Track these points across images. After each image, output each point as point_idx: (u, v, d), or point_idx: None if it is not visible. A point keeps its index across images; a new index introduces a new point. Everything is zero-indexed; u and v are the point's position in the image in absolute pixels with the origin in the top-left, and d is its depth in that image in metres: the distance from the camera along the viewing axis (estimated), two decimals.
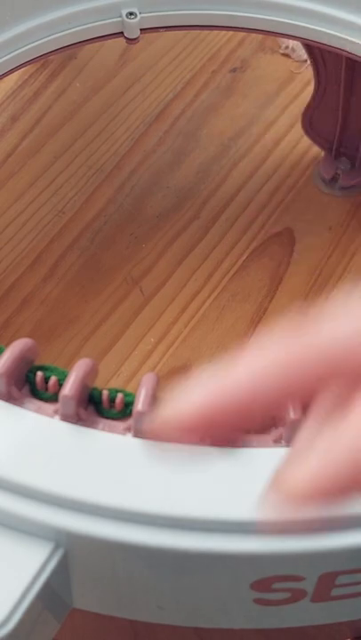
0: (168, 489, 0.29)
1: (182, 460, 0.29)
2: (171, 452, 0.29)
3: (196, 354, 0.64)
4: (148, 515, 0.28)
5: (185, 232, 0.69)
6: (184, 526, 0.28)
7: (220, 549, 0.28)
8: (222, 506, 0.28)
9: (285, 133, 0.75)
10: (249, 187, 0.72)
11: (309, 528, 0.26)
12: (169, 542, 0.28)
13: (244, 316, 0.66)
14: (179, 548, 0.28)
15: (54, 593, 0.30)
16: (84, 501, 0.28)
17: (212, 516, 0.28)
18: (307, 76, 0.77)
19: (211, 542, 0.28)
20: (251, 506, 0.28)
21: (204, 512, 0.28)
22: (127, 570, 0.30)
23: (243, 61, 0.80)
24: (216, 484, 0.29)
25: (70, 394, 0.30)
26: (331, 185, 0.71)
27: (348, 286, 0.67)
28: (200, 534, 0.28)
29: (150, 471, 0.29)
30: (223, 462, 0.29)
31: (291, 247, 0.69)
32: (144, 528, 0.28)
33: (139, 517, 0.28)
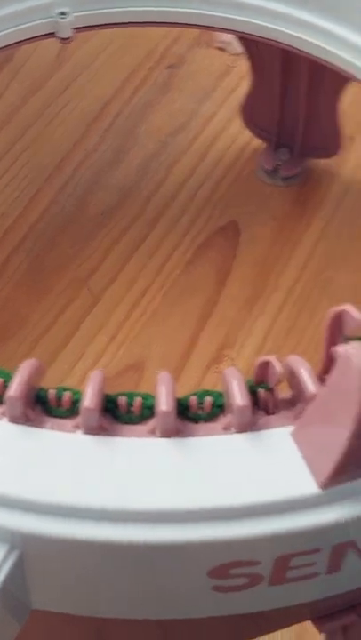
0: (118, 483, 0.29)
1: (131, 454, 0.29)
2: (119, 446, 0.30)
3: (149, 350, 0.64)
4: (100, 510, 0.28)
5: (130, 230, 0.69)
6: (135, 519, 0.28)
7: (173, 539, 0.28)
8: (172, 496, 0.29)
9: (225, 127, 0.75)
10: (191, 182, 0.72)
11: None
12: (122, 536, 0.28)
13: (194, 310, 0.66)
14: (131, 542, 0.28)
15: (12, 595, 0.30)
16: (35, 501, 0.29)
17: (162, 507, 0.28)
18: (242, 69, 0.77)
19: (163, 533, 0.28)
20: (200, 494, 0.29)
21: (154, 503, 0.28)
22: (84, 567, 0.30)
23: (179, 57, 0.80)
24: (165, 475, 0.29)
25: (16, 395, 0.30)
26: (273, 176, 0.72)
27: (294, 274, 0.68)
28: (151, 526, 0.28)
29: (99, 467, 0.29)
30: (172, 453, 0.30)
31: (236, 239, 0.70)
32: (97, 524, 0.28)
33: (91, 514, 0.28)
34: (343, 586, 0.33)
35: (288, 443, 0.30)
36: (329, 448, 0.29)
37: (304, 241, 0.69)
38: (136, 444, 0.30)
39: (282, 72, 0.65)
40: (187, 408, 0.31)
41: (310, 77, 0.64)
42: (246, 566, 0.30)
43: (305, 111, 0.67)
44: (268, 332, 0.65)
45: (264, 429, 0.31)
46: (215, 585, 0.31)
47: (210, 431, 0.30)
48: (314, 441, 0.30)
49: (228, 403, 0.31)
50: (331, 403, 0.29)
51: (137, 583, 0.31)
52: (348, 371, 0.27)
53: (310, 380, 0.30)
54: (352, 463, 0.29)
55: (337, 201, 0.71)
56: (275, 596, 0.32)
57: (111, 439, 0.30)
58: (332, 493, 0.29)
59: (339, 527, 0.29)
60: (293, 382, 0.31)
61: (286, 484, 0.29)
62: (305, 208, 0.71)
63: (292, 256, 0.69)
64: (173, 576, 0.30)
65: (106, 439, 0.30)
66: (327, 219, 0.70)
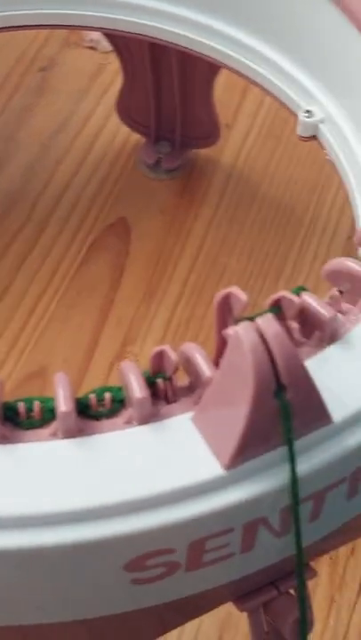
0: (22, 489, 0.29)
1: (34, 459, 0.29)
2: (21, 452, 0.30)
3: (51, 356, 0.64)
4: (6, 518, 0.28)
5: (19, 236, 0.69)
6: (43, 523, 0.28)
7: (84, 539, 0.28)
8: (78, 495, 0.29)
9: (103, 125, 0.75)
10: (76, 182, 0.72)
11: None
12: (32, 542, 0.28)
13: (92, 309, 0.66)
14: (42, 546, 0.28)
15: None
16: None
17: (69, 508, 0.28)
18: (115, 66, 0.77)
19: (73, 533, 0.28)
20: (106, 490, 0.29)
21: (60, 505, 0.28)
22: (2, 576, 0.30)
23: (50, 59, 0.80)
24: (69, 476, 0.29)
25: None
26: (155, 169, 0.72)
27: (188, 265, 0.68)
28: (61, 528, 0.28)
29: (2, 475, 0.29)
30: (75, 453, 0.30)
31: (127, 236, 0.70)
32: (5, 532, 0.28)
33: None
34: (259, 563, 0.34)
35: (190, 429, 0.31)
36: (229, 429, 0.29)
37: (194, 231, 0.70)
38: (39, 448, 0.30)
39: (152, 66, 0.65)
40: (87, 407, 0.31)
41: (181, 68, 0.64)
42: (162, 555, 0.30)
43: (180, 102, 0.67)
44: (168, 324, 0.66)
45: (166, 419, 0.31)
46: (134, 578, 0.31)
47: (112, 427, 0.31)
48: (214, 424, 0.30)
49: (127, 396, 0.31)
50: (227, 384, 0.29)
51: (56, 586, 0.31)
52: (239, 350, 0.28)
53: (205, 365, 0.31)
54: (253, 441, 0.29)
55: (221, 188, 0.72)
56: (194, 581, 0.33)
57: (13, 447, 0.29)
58: (237, 473, 0.30)
59: (247, 505, 0.30)
60: (190, 369, 0.31)
61: (191, 470, 0.30)
62: (191, 199, 0.72)
63: (185, 247, 0.69)
64: (91, 575, 0.30)
65: (7, 447, 0.29)
66: (214, 207, 0.71)
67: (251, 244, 0.69)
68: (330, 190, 0.72)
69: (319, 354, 0.32)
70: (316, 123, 0.50)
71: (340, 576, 0.55)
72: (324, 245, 0.68)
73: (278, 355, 0.28)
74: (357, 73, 0.48)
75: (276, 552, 0.33)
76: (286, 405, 0.29)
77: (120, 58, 0.67)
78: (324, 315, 0.31)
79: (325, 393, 0.30)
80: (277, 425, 0.29)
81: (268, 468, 0.30)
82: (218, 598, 0.36)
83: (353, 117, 0.49)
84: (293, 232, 0.70)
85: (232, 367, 0.29)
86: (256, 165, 0.73)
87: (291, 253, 0.68)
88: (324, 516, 0.33)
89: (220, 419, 0.30)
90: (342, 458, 0.31)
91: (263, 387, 0.28)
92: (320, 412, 0.30)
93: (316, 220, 0.70)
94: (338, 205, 0.71)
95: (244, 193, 0.72)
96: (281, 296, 0.31)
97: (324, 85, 0.51)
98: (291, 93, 0.52)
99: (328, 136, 0.50)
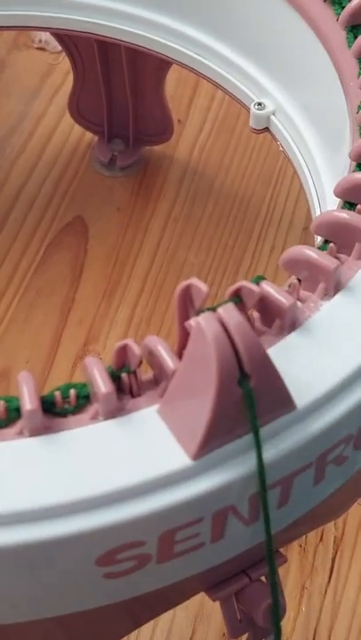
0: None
1: (0, 458, 0.29)
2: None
3: (13, 357, 0.64)
4: None
5: None
6: (11, 521, 0.28)
7: (54, 535, 0.28)
8: (46, 492, 0.29)
9: (56, 125, 0.75)
10: (31, 183, 0.72)
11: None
12: (1, 540, 0.28)
13: (52, 309, 0.66)
14: (10, 545, 0.28)
15: None
16: None
17: (37, 505, 0.28)
18: (65, 66, 0.77)
19: (42, 530, 0.28)
20: (74, 486, 0.29)
21: (28, 502, 0.28)
22: None
23: (0, 61, 0.80)
24: (37, 473, 0.29)
25: None
26: (110, 167, 0.72)
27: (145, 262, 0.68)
28: (29, 525, 0.28)
29: None
30: (42, 450, 0.30)
31: (85, 234, 0.70)
32: None
33: None
34: (230, 552, 0.34)
35: (156, 421, 0.31)
36: (195, 419, 0.30)
37: (152, 227, 0.70)
38: (5, 447, 0.30)
39: (102, 64, 0.65)
40: (53, 404, 0.31)
41: (131, 66, 0.64)
42: (132, 548, 0.30)
43: (132, 100, 0.67)
44: (129, 321, 0.66)
45: (132, 412, 0.31)
46: (105, 572, 0.31)
47: (78, 423, 0.31)
48: (180, 415, 0.30)
49: (92, 392, 0.31)
50: (190, 375, 0.29)
51: (28, 584, 0.31)
52: (201, 340, 0.28)
53: (169, 357, 0.31)
54: (219, 430, 0.30)
55: (177, 184, 0.73)
56: (165, 573, 0.33)
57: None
58: (204, 462, 0.30)
59: (215, 494, 0.30)
60: (153, 361, 0.31)
61: (159, 461, 0.30)
62: (147, 195, 0.72)
63: (143, 244, 0.69)
64: (63, 571, 0.30)
65: None
66: (170, 202, 0.72)
67: (209, 238, 0.69)
68: (284, 181, 0.72)
69: (280, 342, 0.33)
70: (268, 114, 0.50)
71: (311, 563, 0.56)
72: (282, 236, 0.69)
73: (240, 343, 0.28)
74: (306, 64, 0.48)
75: (245, 540, 0.34)
76: (250, 393, 0.29)
77: (70, 57, 0.66)
78: (284, 303, 0.32)
79: (288, 380, 0.30)
80: (242, 413, 0.30)
81: (235, 456, 0.30)
82: (190, 589, 0.36)
83: (304, 108, 0.49)
84: (250, 224, 0.70)
85: (195, 358, 0.29)
86: (210, 159, 0.74)
87: (249, 245, 0.69)
88: (292, 502, 0.34)
89: (186, 410, 0.30)
90: (307, 443, 0.31)
91: (227, 375, 0.29)
92: (284, 399, 0.30)
93: (273, 211, 0.71)
94: (293, 196, 0.71)
95: (199, 187, 0.72)
96: (241, 286, 0.31)
97: (274, 78, 0.51)
98: (242, 87, 0.52)
99: (280, 127, 0.50)
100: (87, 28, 0.56)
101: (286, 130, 0.50)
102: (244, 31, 0.51)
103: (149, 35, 0.55)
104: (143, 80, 0.65)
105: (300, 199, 0.71)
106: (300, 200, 0.71)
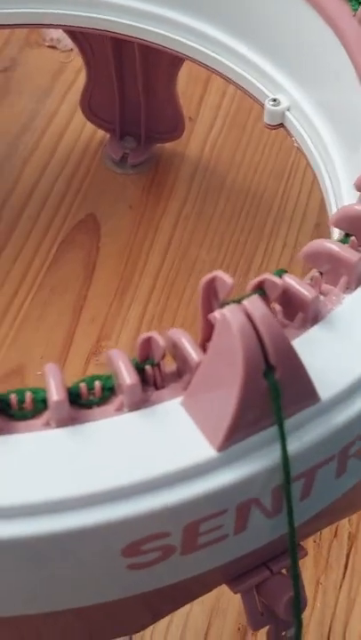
0: (18, 478, 0.29)
1: (28, 448, 0.29)
2: (16, 442, 0.30)
3: (27, 354, 0.64)
4: (2, 507, 0.28)
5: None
6: (41, 511, 0.28)
7: (82, 525, 0.29)
8: (74, 482, 0.29)
9: (68, 122, 0.76)
10: (44, 180, 0.72)
11: None
12: (28, 531, 0.28)
13: (65, 307, 0.66)
14: (39, 535, 0.28)
15: None
16: None
17: (65, 495, 0.28)
18: (77, 64, 0.77)
19: (71, 520, 0.28)
20: (101, 476, 0.29)
21: (57, 493, 0.28)
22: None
23: (12, 60, 0.80)
24: (65, 464, 0.29)
25: None
26: (122, 165, 0.73)
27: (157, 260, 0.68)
28: (59, 515, 0.28)
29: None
30: (69, 441, 0.30)
31: (97, 232, 0.70)
32: (3, 522, 0.28)
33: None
34: (252, 544, 0.34)
35: (180, 413, 0.31)
36: (220, 411, 0.30)
37: (163, 225, 0.70)
38: (32, 438, 0.30)
39: (115, 61, 0.65)
40: (78, 396, 0.31)
41: (144, 63, 0.65)
42: (157, 539, 0.31)
43: (144, 97, 0.67)
44: (141, 318, 0.66)
45: (156, 404, 0.31)
46: (130, 563, 0.31)
47: (104, 414, 0.31)
48: (204, 407, 0.30)
49: (117, 384, 0.31)
50: (215, 367, 0.30)
51: (53, 575, 0.31)
52: (227, 332, 0.28)
53: (193, 349, 0.31)
54: (243, 422, 0.30)
55: (188, 181, 0.73)
56: (189, 564, 0.33)
57: (6, 437, 0.30)
58: (229, 454, 0.30)
59: (239, 485, 0.30)
60: (177, 354, 0.32)
61: (183, 453, 0.30)
62: (159, 192, 0.72)
63: (155, 241, 0.70)
64: (88, 561, 0.31)
65: (1, 438, 0.30)
66: (182, 200, 0.72)
67: (220, 235, 0.69)
68: (296, 178, 0.72)
69: (303, 335, 0.33)
70: (283, 110, 0.51)
71: (325, 559, 0.56)
72: (294, 233, 0.69)
73: (266, 335, 0.29)
74: (321, 60, 0.48)
75: (268, 532, 0.34)
76: (276, 385, 0.29)
77: (83, 55, 0.67)
78: (307, 295, 0.32)
79: (312, 372, 0.31)
80: (267, 405, 0.30)
81: (259, 448, 0.31)
82: (211, 582, 0.36)
83: (320, 104, 0.50)
84: (262, 221, 0.70)
85: (220, 350, 0.29)
86: (222, 156, 0.74)
87: (260, 242, 0.69)
88: (314, 495, 0.34)
89: (210, 402, 0.30)
90: (331, 435, 0.31)
91: (252, 367, 0.29)
92: (308, 391, 0.31)
93: (284, 207, 0.71)
94: (305, 192, 0.71)
95: (211, 184, 0.72)
96: (264, 278, 0.31)
97: (289, 74, 0.51)
98: (256, 83, 0.52)
99: (295, 123, 0.50)
100: (101, 25, 0.56)
101: (302, 126, 0.50)
102: (261, 28, 0.51)
103: (164, 32, 0.55)
104: (156, 77, 0.66)
105: (313, 195, 0.71)
106: (312, 196, 0.71)
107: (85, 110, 0.71)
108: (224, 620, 0.53)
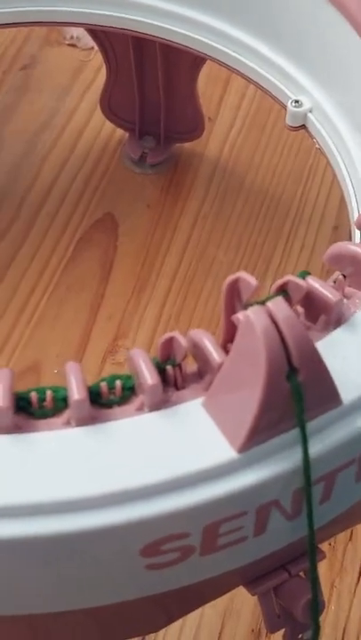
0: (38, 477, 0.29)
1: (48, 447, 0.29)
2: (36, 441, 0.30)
3: (44, 351, 0.64)
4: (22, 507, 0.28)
5: (8, 233, 0.69)
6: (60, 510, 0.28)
7: (102, 524, 0.29)
8: (94, 482, 0.29)
9: (87, 121, 0.76)
10: (63, 178, 0.72)
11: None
12: (48, 529, 0.28)
13: (82, 305, 0.66)
14: (58, 534, 0.28)
15: None
16: None
17: (85, 494, 0.28)
18: (97, 63, 0.77)
19: (91, 520, 0.28)
20: (121, 475, 0.29)
21: (77, 492, 0.28)
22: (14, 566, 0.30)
23: (31, 57, 0.80)
24: (84, 463, 0.29)
25: (4, 405, 0.29)
26: (141, 164, 0.73)
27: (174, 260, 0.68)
28: (78, 515, 0.28)
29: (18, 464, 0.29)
30: (89, 440, 0.30)
31: (115, 231, 0.70)
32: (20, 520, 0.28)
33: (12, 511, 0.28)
34: (271, 546, 0.34)
35: (201, 414, 0.31)
36: (241, 412, 0.30)
37: (181, 225, 0.70)
38: (52, 437, 0.30)
39: (136, 60, 0.65)
40: (99, 395, 0.31)
41: (166, 62, 0.64)
42: (177, 540, 0.30)
43: (165, 96, 0.67)
44: (158, 318, 0.66)
45: (177, 405, 0.31)
46: (149, 563, 0.31)
47: (124, 414, 0.31)
48: (226, 408, 0.30)
49: (138, 383, 0.31)
50: (238, 368, 0.30)
51: (71, 573, 0.31)
52: (251, 333, 0.28)
53: (215, 350, 0.31)
54: (265, 424, 0.30)
55: (206, 181, 0.73)
56: (207, 566, 0.33)
57: (27, 436, 0.30)
58: (250, 456, 0.30)
59: (260, 487, 0.30)
60: (199, 354, 0.32)
61: (204, 454, 0.30)
62: (177, 192, 0.72)
63: (172, 241, 0.70)
64: (107, 561, 0.30)
65: (21, 436, 0.30)
66: (200, 200, 0.72)
67: (238, 236, 0.69)
68: (315, 180, 0.72)
69: (326, 337, 0.33)
70: (305, 112, 0.50)
71: (340, 562, 0.56)
72: (312, 235, 0.69)
73: (290, 337, 0.28)
74: (345, 61, 0.48)
75: (287, 535, 0.34)
76: (299, 387, 0.29)
77: (103, 53, 0.67)
78: (331, 298, 0.32)
79: (334, 375, 0.30)
80: (289, 407, 0.30)
81: (280, 450, 0.30)
82: (229, 584, 0.36)
83: (342, 106, 0.49)
84: (280, 222, 0.70)
85: (243, 351, 0.29)
86: (241, 157, 0.74)
87: (278, 244, 0.69)
88: (333, 498, 0.34)
89: (232, 403, 0.30)
90: (352, 439, 0.31)
91: (275, 369, 0.29)
92: (331, 394, 0.30)
93: (303, 209, 0.71)
94: (323, 194, 0.71)
95: (229, 185, 0.72)
96: (288, 280, 0.31)
97: (311, 75, 0.51)
98: (278, 84, 0.52)
99: (317, 125, 0.50)
100: (123, 24, 0.56)
101: (324, 128, 0.50)
102: (284, 29, 0.51)
103: (186, 31, 0.55)
104: (177, 77, 0.66)
105: (331, 197, 0.71)
106: (330, 198, 0.71)
107: (105, 109, 0.71)
108: (238, 622, 0.53)
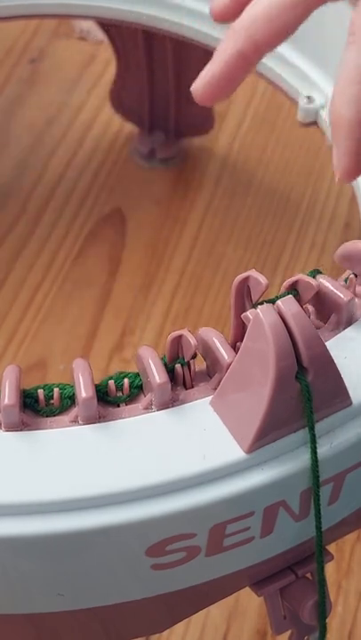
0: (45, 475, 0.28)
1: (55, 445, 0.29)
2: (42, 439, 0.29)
3: (50, 347, 0.63)
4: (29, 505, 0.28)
5: (15, 228, 0.69)
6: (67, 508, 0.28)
7: (108, 523, 0.28)
8: (100, 480, 0.28)
9: (96, 115, 0.75)
10: (70, 173, 0.72)
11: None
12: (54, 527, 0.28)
13: (89, 302, 0.66)
14: (64, 532, 0.28)
15: None
16: None
17: (92, 493, 0.28)
18: (106, 56, 0.77)
19: (97, 518, 0.28)
20: (129, 475, 0.29)
21: (84, 490, 0.28)
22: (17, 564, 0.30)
23: (40, 51, 0.80)
24: (91, 461, 0.29)
25: (11, 402, 0.29)
26: (150, 159, 0.72)
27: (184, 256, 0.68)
28: (85, 513, 0.28)
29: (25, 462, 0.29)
30: (96, 438, 0.29)
31: (123, 226, 0.70)
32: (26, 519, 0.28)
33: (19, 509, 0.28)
34: (278, 547, 0.34)
35: (209, 413, 0.31)
36: (250, 412, 0.29)
37: (190, 221, 0.70)
38: (59, 434, 0.29)
39: (147, 54, 0.65)
40: (106, 393, 0.31)
41: (176, 56, 0.64)
42: (183, 540, 0.30)
43: (174, 91, 0.67)
44: (166, 314, 0.66)
45: (185, 404, 0.31)
46: (154, 563, 0.31)
47: (132, 412, 0.30)
48: (234, 408, 0.30)
49: (146, 382, 0.31)
50: (247, 367, 0.29)
51: (77, 572, 0.31)
52: (260, 331, 0.28)
53: (224, 349, 0.31)
54: (274, 424, 0.29)
55: (216, 177, 0.72)
56: (213, 566, 0.33)
57: (34, 433, 0.29)
58: (258, 456, 0.30)
59: (268, 488, 0.30)
60: (208, 353, 0.31)
61: (212, 453, 0.30)
62: (186, 188, 0.71)
63: (181, 237, 0.69)
64: (112, 560, 0.30)
65: (28, 434, 0.29)
66: (209, 196, 0.71)
67: (247, 233, 0.69)
68: (325, 177, 0.72)
69: (336, 337, 0.32)
70: (317, 109, 0.50)
71: (347, 563, 0.55)
72: (322, 233, 0.68)
73: (299, 337, 0.28)
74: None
75: (294, 536, 0.33)
76: (308, 387, 0.29)
77: (113, 47, 0.66)
78: (342, 297, 0.31)
79: (344, 375, 0.30)
80: (298, 407, 0.29)
81: (289, 450, 0.30)
82: (235, 584, 0.36)
83: None
84: (290, 220, 0.69)
85: (253, 350, 0.29)
86: (251, 153, 0.73)
87: (288, 241, 0.68)
88: (341, 499, 0.33)
89: (240, 402, 0.30)
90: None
91: (285, 369, 0.28)
92: (340, 394, 0.30)
93: (313, 207, 0.70)
94: (334, 192, 0.71)
95: (239, 181, 0.72)
96: (298, 278, 0.30)
97: (323, 71, 0.51)
98: (290, 80, 0.51)
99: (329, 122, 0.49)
100: (134, 18, 0.56)
101: None
102: None
103: (197, 26, 0.54)
104: (187, 71, 0.65)
105: (342, 195, 0.70)
106: (341, 196, 0.70)
107: (114, 103, 0.71)
108: (243, 623, 0.53)
